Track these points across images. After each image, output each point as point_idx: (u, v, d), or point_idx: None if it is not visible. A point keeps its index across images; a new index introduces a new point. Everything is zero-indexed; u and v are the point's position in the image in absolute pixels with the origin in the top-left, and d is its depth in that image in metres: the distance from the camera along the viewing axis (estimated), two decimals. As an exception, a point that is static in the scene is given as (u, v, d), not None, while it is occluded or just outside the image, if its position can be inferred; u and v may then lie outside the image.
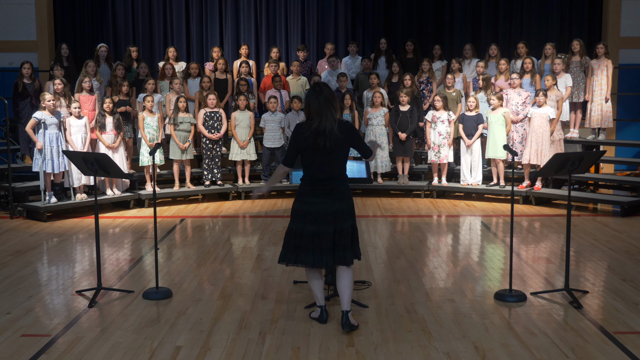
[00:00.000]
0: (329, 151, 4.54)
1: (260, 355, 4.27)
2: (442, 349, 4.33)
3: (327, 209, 4.57)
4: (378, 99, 10.05)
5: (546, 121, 9.28)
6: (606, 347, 4.35)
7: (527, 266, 6.33)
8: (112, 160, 5.47)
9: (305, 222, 4.60)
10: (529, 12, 12.78)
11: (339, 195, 4.60)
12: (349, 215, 4.65)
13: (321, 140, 4.50)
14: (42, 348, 4.39)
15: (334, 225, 4.59)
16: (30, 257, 6.85)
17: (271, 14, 13.02)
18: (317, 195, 4.58)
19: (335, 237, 4.59)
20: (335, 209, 4.58)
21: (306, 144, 4.55)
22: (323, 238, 4.58)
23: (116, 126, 9.23)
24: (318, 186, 4.58)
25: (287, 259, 4.68)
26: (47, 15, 12.44)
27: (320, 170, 4.57)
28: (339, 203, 4.59)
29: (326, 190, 4.58)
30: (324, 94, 4.54)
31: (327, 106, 4.52)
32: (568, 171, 5.27)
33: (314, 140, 4.51)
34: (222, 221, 8.71)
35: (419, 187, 10.32)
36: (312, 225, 4.59)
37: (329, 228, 4.58)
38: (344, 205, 4.62)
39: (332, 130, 4.50)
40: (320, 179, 4.58)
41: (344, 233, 4.62)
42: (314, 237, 4.59)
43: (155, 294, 5.40)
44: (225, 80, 10.79)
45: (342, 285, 4.65)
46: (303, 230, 4.61)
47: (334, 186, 4.58)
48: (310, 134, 4.52)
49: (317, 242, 4.58)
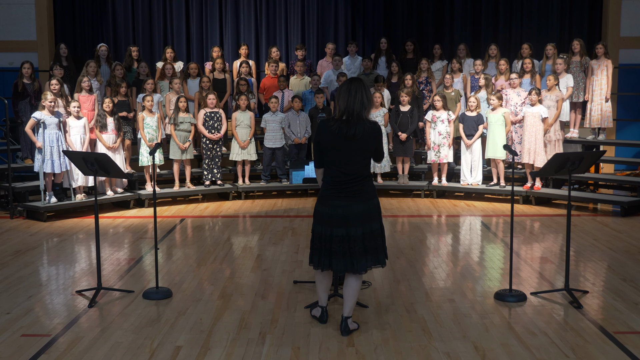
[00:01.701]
0: (354, 151, 4.40)
1: (260, 355, 4.27)
2: (442, 349, 4.33)
3: (354, 211, 4.43)
4: (378, 99, 10.05)
5: (539, 120, 9.28)
6: (606, 347, 4.35)
7: (527, 266, 6.33)
8: (112, 160, 5.47)
9: (333, 225, 4.46)
10: (529, 12, 12.79)
11: (366, 196, 4.46)
12: (376, 215, 4.53)
13: (346, 141, 4.36)
14: (42, 348, 4.39)
15: (363, 227, 4.46)
16: (30, 257, 6.85)
17: (271, 14, 13.02)
18: (342, 198, 4.45)
19: (365, 239, 4.48)
20: (363, 210, 4.45)
21: (329, 142, 4.42)
22: (353, 241, 4.45)
23: (117, 127, 9.23)
24: (342, 188, 4.45)
25: (322, 264, 4.54)
26: (47, 15, 12.44)
27: (344, 171, 4.43)
28: (365, 204, 4.46)
29: (352, 192, 4.44)
30: (360, 93, 4.39)
31: (362, 107, 4.38)
32: (568, 171, 5.27)
33: (338, 140, 4.38)
34: (222, 221, 8.71)
35: (419, 187, 10.32)
36: (341, 229, 4.45)
37: (358, 231, 4.45)
38: (371, 205, 4.49)
39: (359, 133, 4.37)
40: (344, 180, 4.44)
41: (374, 234, 4.50)
42: (343, 241, 4.46)
43: (155, 294, 5.40)
44: (223, 80, 10.79)
45: (349, 292, 4.58)
46: (332, 234, 4.47)
47: (359, 187, 4.45)
48: (336, 133, 4.39)
49: (348, 246, 4.45)
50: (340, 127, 4.39)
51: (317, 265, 4.57)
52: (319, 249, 4.56)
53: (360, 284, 4.62)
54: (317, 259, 4.57)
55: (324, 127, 4.45)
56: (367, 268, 4.53)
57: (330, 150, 4.44)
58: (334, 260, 4.48)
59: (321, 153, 4.53)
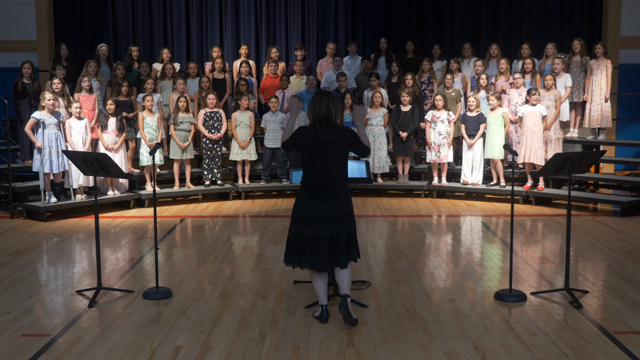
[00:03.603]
0: (329, 156, 4.67)
1: (260, 355, 4.27)
2: (442, 349, 4.33)
3: (325, 213, 4.68)
4: (378, 99, 10.05)
5: (539, 120, 9.28)
6: (606, 347, 4.35)
7: (527, 266, 6.33)
8: (112, 160, 5.47)
9: (305, 225, 4.71)
10: (529, 12, 12.78)
11: (338, 201, 4.71)
12: (345, 220, 4.76)
13: (321, 146, 4.64)
14: (42, 348, 4.39)
15: (331, 230, 4.69)
16: (30, 257, 6.85)
17: (271, 14, 13.02)
18: (316, 201, 4.69)
19: (331, 241, 4.71)
20: (334, 213, 4.69)
21: (306, 147, 4.68)
22: (321, 242, 4.68)
23: (119, 127, 9.22)
24: (317, 191, 4.69)
25: (292, 261, 4.80)
26: (47, 15, 12.44)
27: (319, 176, 4.69)
28: (337, 208, 4.70)
29: (325, 196, 4.69)
30: (325, 101, 4.71)
31: (328, 112, 4.69)
32: (568, 171, 5.28)
33: (314, 144, 4.65)
34: (222, 221, 8.71)
35: (419, 187, 10.32)
36: (312, 229, 4.70)
37: (327, 232, 4.68)
38: (342, 210, 4.73)
39: (332, 137, 4.64)
40: (319, 184, 4.69)
41: (340, 237, 4.74)
42: (312, 240, 4.70)
43: (155, 294, 5.40)
44: (223, 80, 10.79)
45: (341, 276, 4.79)
46: (303, 233, 4.72)
47: (333, 192, 4.70)
48: (312, 138, 4.66)
49: (315, 246, 4.70)
50: (315, 132, 4.67)
51: (288, 261, 4.81)
52: (290, 247, 4.80)
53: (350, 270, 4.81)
54: (288, 255, 4.81)
55: (302, 133, 4.73)
56: (331, 266, 4.76)
57: (307, 155, 4.71)
58: (302, 258, 4.73)
59: (293, 145, 4.81)
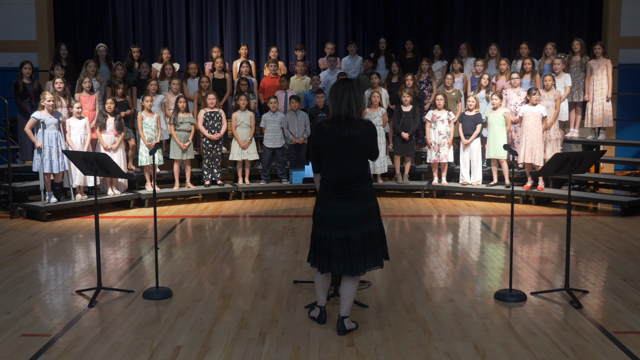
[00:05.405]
0: (352, 152, 4.39)
1: (260, 355, 4.27)
2: (442, 349, 4.33)
3: (353, 212, 4.42)
4: (377, 99, 10.04)
5: (539, 120, 9.27)
6: (606, 347, 4.35)
7: (527, 266, 6.33)
8: (112, 160, 5.47)
9: (332, 227, 4.44)
10: (529, 12, 12.79)
11: (364, 197, 4.45)
12: (375, 216, 4.51)
13: (343, 143, 4.36)
14: (42, 348, 4.39)
15: (362, 228, 4.44)
16: (30, 257, 6.85)
17: (271, 14, 13.02)
18: (340, 199, 4.43)
19: (364, 240, 4.46)
20: (362, 211, 4.43)
21: (326, 143, 4.42)
22: (352, 243, 4.43)
23: (117, 127, 9.22)
24: (341, 189, 4.43)
25: (321, 266, 4.54)
26: (47, 15, 12.44)
27: (341, 172, 4.42)
28: (364, 204, 4.44)
29: (350, 193, 4.42)
30: (347, 95, 4.40)
31: (349, 109, 4.38)
32: (568, 171, 5.27)
33: (336, 142, 4.38)
34: (222, 221, 8.71)
35: (419, 187, 10.32)
36: (340, 231, 4.43)
37: (357, 232, 4.43)
38: (370, 206, 4.47)
39: (354, 133, 4.37)
40: (342, 181, 4.42)
41: (373, 235, 4.49)
42: (342, 242, 4.44)
43: (155, 294, 5.40)
44: (223, 80, 10.79)
45: (345, 294, 4.57)
46: (330, 235, 4.45)
47: (357, 187, 4.43)
48: (333, 135, 4.38)
49: (347, 248, 4.44)
50: (333, 128, 4.40)
51: (314, 264, 4.59)
52: (318, 251, 4.56)
53: (357, 285, 4.62)
54: (316, 259, 4.58)
55: (320, 130, 4.46)
56: (366, 269, 4.52)
57: (327, 152, 4.44)
58: (333, 263, 4.47)
59: (318, 157, 4.52)
